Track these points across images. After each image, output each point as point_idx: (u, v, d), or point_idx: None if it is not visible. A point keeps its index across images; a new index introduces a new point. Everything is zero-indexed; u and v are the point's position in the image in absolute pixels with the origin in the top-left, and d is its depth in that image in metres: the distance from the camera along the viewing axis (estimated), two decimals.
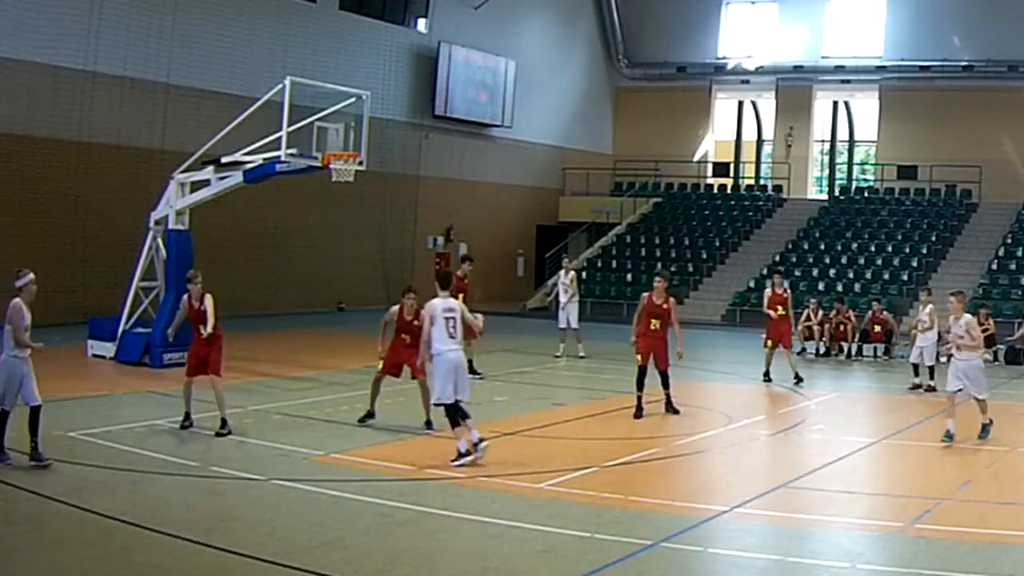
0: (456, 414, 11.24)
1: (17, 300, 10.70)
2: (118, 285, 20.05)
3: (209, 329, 12.98)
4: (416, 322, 12.94)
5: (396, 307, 13.60)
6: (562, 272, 23.10)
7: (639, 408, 14.71)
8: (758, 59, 40.03)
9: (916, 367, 18.89)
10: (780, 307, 19.14)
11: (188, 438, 12.40)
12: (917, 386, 18.60)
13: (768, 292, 19.73)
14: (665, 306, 14.97)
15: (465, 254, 19.65)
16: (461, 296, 18.62)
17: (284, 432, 12.87)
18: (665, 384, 15.05)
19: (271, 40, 28.65)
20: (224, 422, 12.60)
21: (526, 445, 12.83)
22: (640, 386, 14.81)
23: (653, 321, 14.95)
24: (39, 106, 23.78)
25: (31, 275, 10.88)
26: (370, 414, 13.61)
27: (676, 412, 14.96)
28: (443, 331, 11.34)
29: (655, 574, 8.18)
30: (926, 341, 18.76)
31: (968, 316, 14.24)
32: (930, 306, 18.80)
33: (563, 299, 22.63)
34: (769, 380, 18.81)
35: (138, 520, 8.81)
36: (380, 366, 13.63)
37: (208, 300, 13.19)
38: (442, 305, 11.53)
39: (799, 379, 18.54)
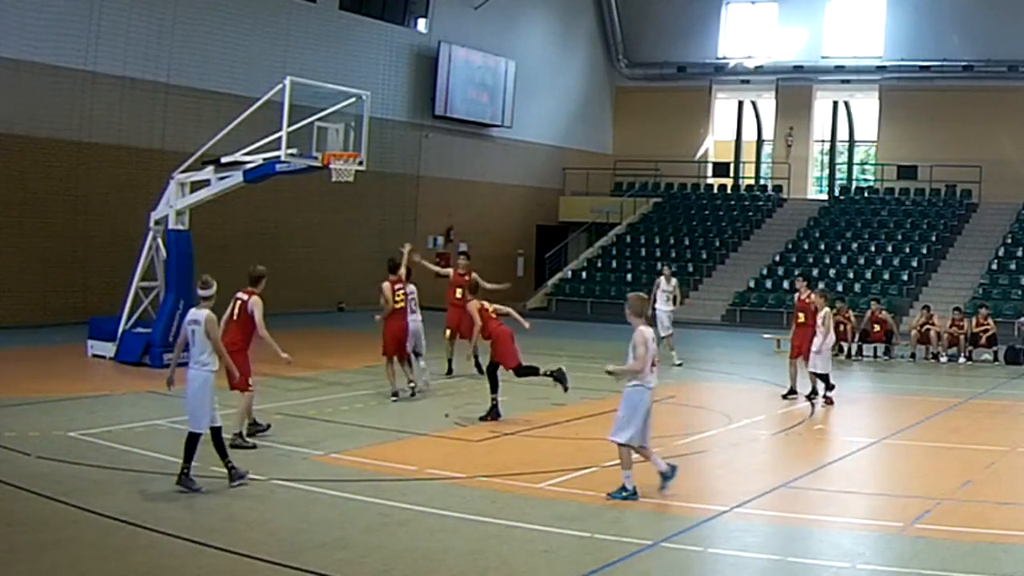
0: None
1: (209, 312, 10.47)
2: (118, 285, 20.05)
3: None
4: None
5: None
6: (662, 278, 22.19)
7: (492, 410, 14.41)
8: (758, 59, 40.03)
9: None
10: (801, 314, 17.33)
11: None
12: (813, 395, 16.61)
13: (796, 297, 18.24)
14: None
15: (463, 251, 19.63)
16: (461, 291, 18.61)
17: (284, 432, 12.87)
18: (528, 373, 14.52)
19: (271, 40, 28.65)
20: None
21: (526, 445, 12.83)
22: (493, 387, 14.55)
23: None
24: (39, 106, 23.76)
25: (215, 285, 10.77)
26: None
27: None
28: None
29: (655, 574, 8.18)
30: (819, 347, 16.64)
31: (645, 328, 10.41)
32: (826, 309, 16.86)
33: (661, 305, 21.69)
34: (793, 394, 17.09)
35: (138, 520, 8.81)
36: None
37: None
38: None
39: (812, 392, 16.78)
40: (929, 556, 8.49)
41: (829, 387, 16.66)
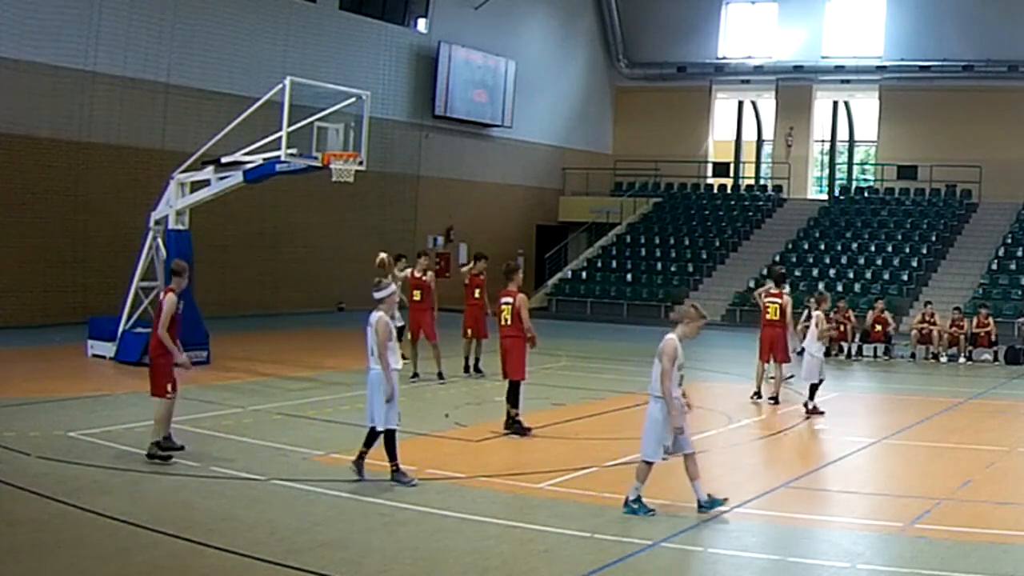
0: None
1: (381, 314, 10.33)
2: (118, 285, 20.05)
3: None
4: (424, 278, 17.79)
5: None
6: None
7: None
8: (758, 59, 40.04)
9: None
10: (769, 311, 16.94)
11: (188, 438, 12.39)
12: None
13: None
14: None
15: (480, 252, 19.21)
16: (478, 291, 18.49)
17: (284, 432, 12.86)
18: None
19: (271, 40, 28.65)
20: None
21: (526, 445, 12.83)
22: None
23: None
24: (39, 106, 23.76)
25: (393, 287, 10.60)
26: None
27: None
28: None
29: (655, 574, 8.18)
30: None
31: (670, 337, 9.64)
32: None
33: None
34: (758, 397, 16.68)
35: (138, 520, 8.81)
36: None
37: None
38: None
39: (764, 397, 16.47)
40: (929, 556, 8.48)
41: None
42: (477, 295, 18.42)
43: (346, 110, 19.46)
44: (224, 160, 18.73)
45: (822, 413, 15.39)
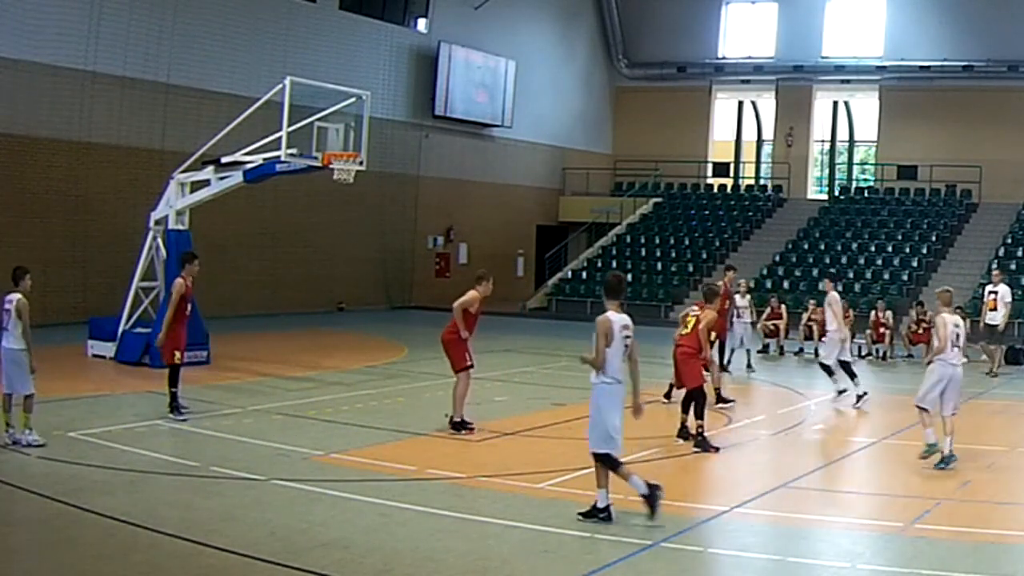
0: None
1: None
2: (118, 285, 20.05)
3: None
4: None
5: None
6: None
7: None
8: (758, 59, 40.04)
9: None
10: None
11: (188, 438, 12.40)
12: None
13: None
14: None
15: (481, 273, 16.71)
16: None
17: (284, 432, 12.86)
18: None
19: (271, 40, 28.65)
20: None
21: (526, 445, 12.83)
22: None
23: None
24: (39, 106, 23.76)
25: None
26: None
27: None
28: None
29: (655, 574, 8.18)
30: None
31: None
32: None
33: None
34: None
35: (138, 520, 8.81)
36: None
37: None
38: None
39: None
40: (929, 556, 8.49)
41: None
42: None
43: (346, 110, 19.45)
44: (224, 160, 18.73)
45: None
